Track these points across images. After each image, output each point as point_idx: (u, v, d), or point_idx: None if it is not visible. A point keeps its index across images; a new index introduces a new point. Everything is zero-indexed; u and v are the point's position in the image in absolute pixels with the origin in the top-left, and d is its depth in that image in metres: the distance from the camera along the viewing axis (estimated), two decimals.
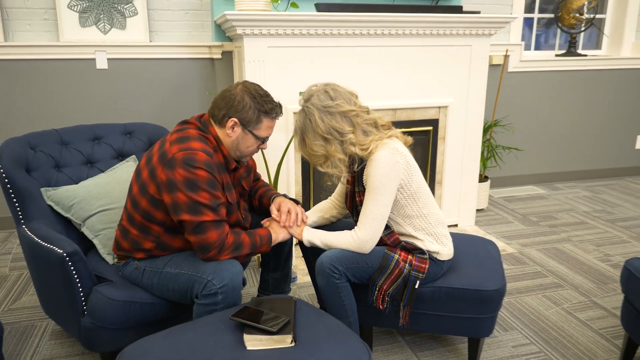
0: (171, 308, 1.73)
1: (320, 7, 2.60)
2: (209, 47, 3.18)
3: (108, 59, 3.12)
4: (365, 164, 1.64)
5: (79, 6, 3.02)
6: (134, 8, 3.10)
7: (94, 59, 3.10)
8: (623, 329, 1.85)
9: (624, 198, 3.85)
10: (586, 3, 3.95)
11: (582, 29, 4.05)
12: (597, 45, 4.39)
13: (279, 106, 1.67)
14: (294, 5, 2.62)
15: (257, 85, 1.67)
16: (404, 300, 1.68)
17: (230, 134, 1.61)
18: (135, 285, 1.72)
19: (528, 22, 4.09)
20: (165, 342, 1.37)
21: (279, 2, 2.60)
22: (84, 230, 1.94)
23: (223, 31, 3.06)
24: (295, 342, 1.34)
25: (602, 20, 4.29)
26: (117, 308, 1.65)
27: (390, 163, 1.57)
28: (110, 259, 1.90)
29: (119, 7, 3.08)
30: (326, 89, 1.61)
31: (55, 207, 1.94)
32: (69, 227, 1.97)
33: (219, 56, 3.15)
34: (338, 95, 1.60)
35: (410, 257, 1.68)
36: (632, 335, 1.78)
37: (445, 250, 1.73)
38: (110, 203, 1.99)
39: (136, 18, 3.12)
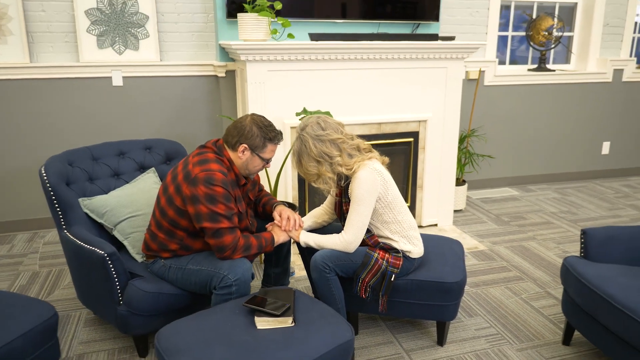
0: (192, 298, 2.10)
1: (313, 37, 2.97)
2: (214, 65, 3.53)
3: (123, 77, 3.47)
4: (350, 181, 2.02)
5: (97, 30, 3.36)
6: (146, 31, 3.45)
7: (110, 77, 3.45)
8: (564, 315, 2.24)
9: (589, 200, 4.26)
10: (554, 24, 4.34)
11: (551, 46, 4.44)
12: (567, 60, 4.79)
13: (280, 133, 2.05)
14: (291, 35, 2.99)
15: (263, 117, 2.04)
16: (382, 290, 2.06)
17: (241, 156, 1.98)
18: (162, 280, 2.09)
19: (505, 38, 4.47)
20: (192, 324, 1.74)
21: (278, 33, 2.96)
22: (115, 233, 2.31)
23: (226, 52, 3.42)
24: (295, 322, 1.72)
25: (570, 38, 4.69)
26: (148, 298, 2.02)
27: (370, 180, 1.95)
28: (139, 257, 2.27)
29: (133, 31, 3.43)
30: (318, 120, 1.98)
31: (91, 214, 2.30)
32: (102, 231, 2.34)
33: (223, 74, 3.51)
34: (328, 126, 1.97)
35: (387, 255, 2.06)
36: (570, 320, 2.18)
37: (416, 250, 2.12)
38: (137, 210, 2.36)
39: (148, 40, 3.47)
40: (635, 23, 4.75)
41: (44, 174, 2.19)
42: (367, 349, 2.24)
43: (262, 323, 1.70)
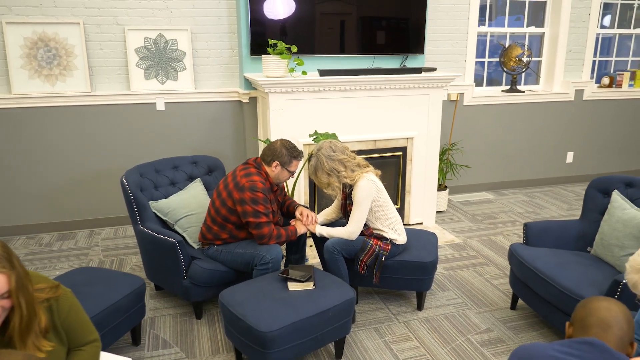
0: (236, 274, 2.86)
1: (322, 73, 3.74)
2: (239, 93, 4.30)
3: (165, 103, 4.24)
4: (353, 188, 2.79)
5: (144, 64, 4.14)
6: (183, 65, 4.22)
7: (154, 103, 4.22)
8: (511, 287, 3.01)
9: (552, 202, 5.04)
10: (523, 52, 5.12)
11: (521, 71, 5.23)
12: (536, 82, 5.58)
13: (301, 152, 2.82)
14: (304, 72, 3.76)
15: (288, 140, 2.82)
16: (376, 268, 2.83)
17: (274, 170, 2.76)
18: (215, 261, 2.85)
19: (484, 63, 5.26)
20: (244, 287, 2.50)
21: (294, 70, 3.74)
22: (176, 227, 3.08)
23: (250, 82, 4.19)
24: (315, 286, 2.49)
25: (539, 62, 5.49)
26: (206, 274, 2.78)
27: (367, 188, 2.73)
28: (195, 245, 3.04)
29: (173, 65, 4.20)
30: (330, 144, 2.75)
31: (158, 214, 3.07)
32: (165, 226, 3.10)
33: (247, 100, 4.28)
34: (337, 149, 2.74)
35: (379, 242, 2.83)
36: (514, 290, 2.96)
37: (400, 238, 2.89)
38: (190, 211, 3.12)
39: (185, 72, 4.24)
40: (594, 49, 5.54)
41: (125, 183, 2.96)
42: (365, 314, 3.00)
43: (293, 286, 2.47)
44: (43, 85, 3.96)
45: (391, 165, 4.20)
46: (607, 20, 5.64)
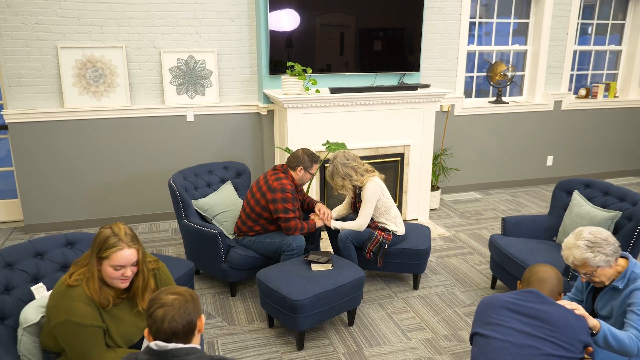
0: (266, 259, 3.49)
1: (332, 91, 4.38)
2: (258, 106, 4.93)
3: (194, 115, 4.87)
4: (361, 189, 3.43)
5: (176, 82, 4.76)
6: (209, 82, 4.85)
7: (185, 115, 4.85)
8: (491, 271, 3.65)
9: (533, 200, 5.70)
10: (508, 68, 5.78)
11: (506, 85, 5.88)
12: (520, 93, 6.24)
13: (319, 157, 3.46)
14: (317, 91, 4.40)
15: (308, 149, 3.46)
16: (380, 254, 3.47)
17: (298, 174, 3.40)
18: (248, 249, 3.48)
19: (472, 78, 5.91)
20: (276, 269, 3.13)
21: (309, 89, 4.38)
22: (214, 222, 3.70)
23: (268, 97, 4.82)
24: (333, 267, 3.13)
25: (522, 76, 6.15)
26: (242, 259, 3.42)
27: (374, 189, 3.37)
28: (230, 236, 3.66)
29: (201, 82, 4.83)
30: (344, 154, 3.39)
31: (199, 210, 3.70)
32: (204, 220, 3.73)
33: (265, 113, 4.91)
34: (349, 157, 3.38)
35: (383, 233, 3.47)
36: (494, 272, 3.60)
37: (400, 230, 3.53)
38: (225, 208, 3.75)
39: (211, 88, 4.87)
40: (571, 64, 6.20)
41: (173, 184, 3.59)
42: (370, 292, 3.64)
43: (315, 267, 3.11)
44: (91, 100, 4.58)
45: (391, 169, 4.84)
46: (590, 27, 6.31)
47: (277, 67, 4.62)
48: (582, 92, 6.36)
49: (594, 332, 1.94)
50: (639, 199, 3.19)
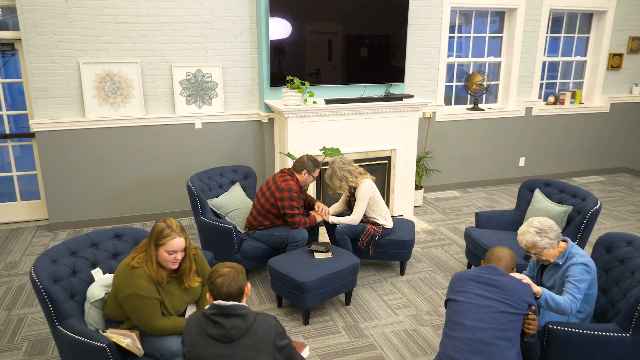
0: (273, 250, 4.04)
1: (328, 101, 4.95)
2: (259, 115, 5.47)
3: (202, 123, 5.39)
4: (356, 189, 4.00)
5: (186, 93, 5.28)
6: (216, 92, 5.37)
7: (194, 123, 5.37)
8: (466, 258, 4.25)
9: (506, 198, 6.33)
10: (483, 78, 6.40)
11: (482, 93, 6.51)
12: (495, 101, 6.87)
13: (321, 163, 4.03)
14: (315, 102, 4.96)
15: (312, 155, 4.02)
16: (371, 244, 4.05)
17: (302, 176, 3.95)
18: (258, 241, 4.03)
19: (451, 87, 6.52)
20: (285, 257, 3.68)
21: (307, 100, 4.93)
22: (227, 219, 4.24)
23: (269, 107, 5.35)
24: (332, 255, 3.69)
25: (497, 85, 6.78)
26: (252, 250, 3.96)
27: (366, 189, 3.94)
28: (242, 230, 4.21)
29: (208, 93, 5.35)
30: (341, 159, 3.95)
31: (213, 208, 4.24)
32: (217, 217, 4.26)
33: (266, 121, 5.45)
34: (346, 162, 3.95)
35: (374, 226, 4.04)
36: (468, 259, 4.20)
37: (389, 224, 4.11)
38: (236, 207, 4.29)
39: (217, 98, 5.39)
40: (541, 74, 6.84)
41: (191, 186, 4.12)
42: (363, 278, 4.21)
43: (318, 255, 3.67)
44: (109, 110, 5.08)
45: (379, 170, 5.41)
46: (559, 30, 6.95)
47: (276, 79, 5.17)
48: (551, 99, 7.01)
49: (537, 296, 2.54)
50: (587, 196, 3.81)
